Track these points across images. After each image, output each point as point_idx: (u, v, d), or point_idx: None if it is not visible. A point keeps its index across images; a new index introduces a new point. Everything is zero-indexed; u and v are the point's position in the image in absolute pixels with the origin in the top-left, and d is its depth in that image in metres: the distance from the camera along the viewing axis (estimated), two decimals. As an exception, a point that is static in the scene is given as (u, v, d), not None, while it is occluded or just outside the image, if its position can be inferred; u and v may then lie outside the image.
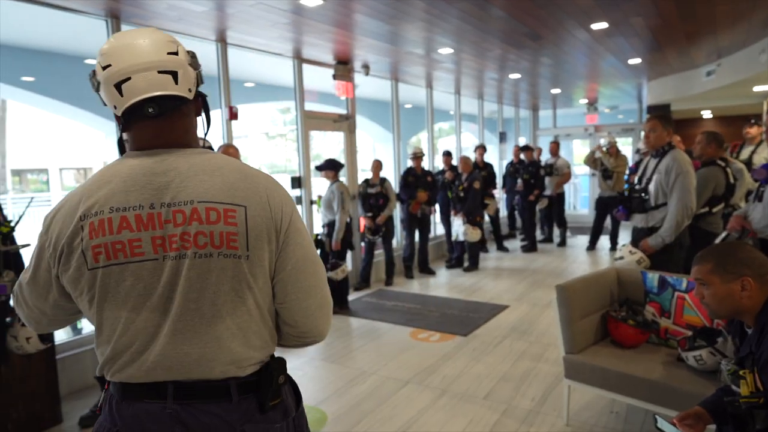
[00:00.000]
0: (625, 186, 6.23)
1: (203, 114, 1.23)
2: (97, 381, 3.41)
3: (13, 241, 2.91)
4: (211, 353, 1.08)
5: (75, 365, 3.63)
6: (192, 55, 1.16)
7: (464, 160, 7.14)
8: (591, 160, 7.82)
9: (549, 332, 4.52)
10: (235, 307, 1.09)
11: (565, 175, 8.73)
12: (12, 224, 2.85)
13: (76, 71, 6.03)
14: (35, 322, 1.24)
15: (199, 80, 1.19)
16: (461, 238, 7.02)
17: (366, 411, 3.23)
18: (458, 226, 7.06)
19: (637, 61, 6.71)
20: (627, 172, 7.18)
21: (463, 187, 7.03)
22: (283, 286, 1.15)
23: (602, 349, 2.85)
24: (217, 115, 4.88)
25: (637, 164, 5.48)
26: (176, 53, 1.11)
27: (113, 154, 3.14)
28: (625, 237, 8.78)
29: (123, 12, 3.80)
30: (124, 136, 1.16)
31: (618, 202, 3.71)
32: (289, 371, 1.24)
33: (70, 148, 15.47)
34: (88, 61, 5.46)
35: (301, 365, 3.97)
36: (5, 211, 2.95)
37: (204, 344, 1.08)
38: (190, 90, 1.13)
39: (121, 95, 1.07)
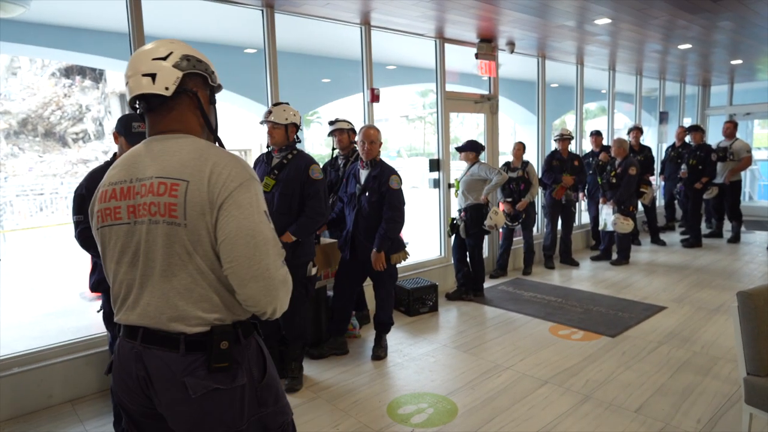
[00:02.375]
0: None
1: (210, 109, 1.43)
2: None
3: None
4: (162, 307, 1.29)
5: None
6: (186, 59, 1.35)
7: (618, 142, 6.43)
8: None
9: (719, 343, 3.90)
10: (180, 269, 1.27)
11: (744, 161, 7.44)
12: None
13: (237, 60, 6.58)
14: None
15: (188, 79, 1.35)
16: (610, 228, 6.39)
17: (499, 408, 3.06)
18: (607, 215, 6.43)
19: None
20: None
21: (616, 172, 6.36)
22: (221, 254, 1.26)
23: (799, 375, 2.34)
24: (359, 98, 4.97)
25: None
26: (164, 58, 1.33)
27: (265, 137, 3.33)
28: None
29: (277, 1, 3.99)
30: None
31: None
32: (420, 356, 1.18)
33: (232, 131, 17.26)
34: (248, 51, 5.90)
35: (433, 351, 3.92)
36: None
37: (158, 298, 1.29)
38: (167, 88, 1.31)
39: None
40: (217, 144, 1.43)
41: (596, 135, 7.13)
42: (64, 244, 9.91)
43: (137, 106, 1.37)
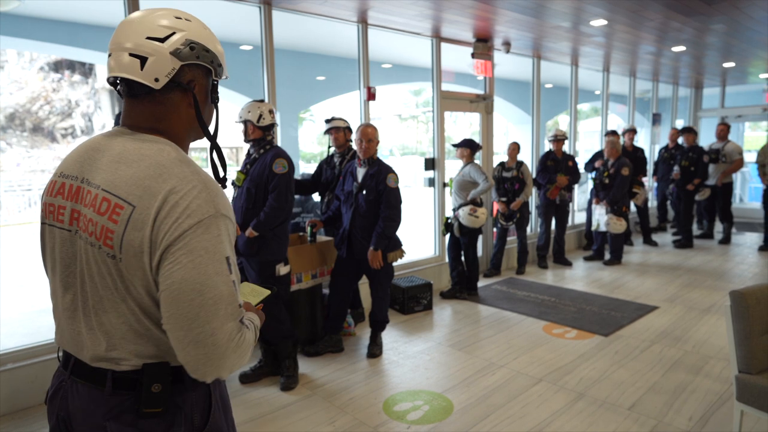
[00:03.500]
0: None
1: (209, 108, 1.19)
2: None
3: None
4: (91, 339, 1.08)
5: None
6: (191, 46, 1.10)
7: (611, 143, 6.49)
8: None
9: (710, 342, 3.95)
10: (112, 306, 1.06)
11: (736, 163, 7.52)
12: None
13: (232, 57, 6.55)
14: None
15: (184, 74, 1.11)
16: (603, 228, 6.45)
17: (494, 405, 3.08)
18: (600, 215, 6.48)
19: None
20: None
21: (609, 173, 6.42)
22: (161, 306, 1.01)
23: (790, 373, 2.38)
24: (356, 96, 4.98)
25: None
26: (161, 39, 1.07)
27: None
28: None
29: (274, -3, 3.99)
30: None
31: None
32: (416, 354, 1.14)
33: (224, 128, 17.17)
34: (244, 48, 5.88)
35: (428, 349, 3.93)
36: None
37: (88, 328, 1.08)
38: (157, 80, 1.07)
39: None
40: (215, 153, 1.20)
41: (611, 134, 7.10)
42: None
43: (117, 85, 1.12)
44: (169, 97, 1.11)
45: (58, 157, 16.50)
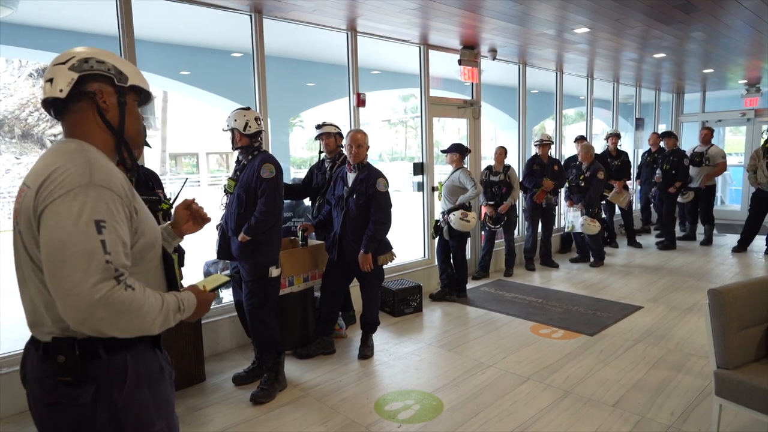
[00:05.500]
0: None
1: (115, 110, 1.37)
2: None
3: (170, 217, 3.27)
4: (27, 311, 1.30)
5: (215, 331, 4.02)
6: (84, 60, 1.32)
7: (585, 148, 6.65)
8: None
9: (692, 340, 4.07)
10: (30, 278, 1.26)
11: (720, 166, 7.69)
12: (171, 202, 3.19)
13: (224, 64, 6.61)
14: None
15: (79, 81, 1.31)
16: (578, 229, 6.61)
17: (483, 404, 3.16)
18: (575, 217, 6.65)
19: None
20: None
21: (585, 176, 6.57)
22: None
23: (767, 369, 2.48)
24: (344, 102, 5.05)
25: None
26: (64, 63, 1.31)
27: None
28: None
29: (265, 6, 4.05)
30: None
31: None
32: (406, 355, 1.20)
33: (215, 134, 17.16)
34: (235, 55, 5.93)
35: (419, 350, 4.00)
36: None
37: (24, 301, 1.30)
38: (61, 90, 1.29)
39: None
40: (126, 150, 1.40)
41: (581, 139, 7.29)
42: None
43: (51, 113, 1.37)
44: (79, 106, 1.33)
45: (47, 163, 16.37)
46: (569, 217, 6.79)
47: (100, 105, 1.33)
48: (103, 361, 1.24)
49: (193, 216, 1.67)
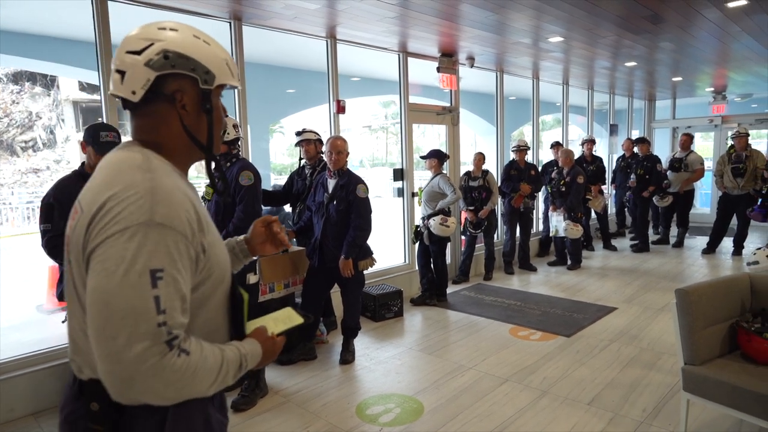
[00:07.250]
0: None
1: (201, 117, 1.14)
2: None
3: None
4: (69, 338, 1.12)
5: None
6: (165, 55, 1.07)
7: (565, 153, 6.82)
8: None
9: (663, 340, 4.19)
10: (75, 309, 1.06)
11: (698, 172, 7.85)
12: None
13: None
14: None
15: (156, 83, 1.07)
16: (561, 233, 6.75)
17: (463, 405, 3.22)
18: (558, 221, 6.78)
19: (779, 42, 5.94)
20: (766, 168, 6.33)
21: (565, 181, 6.72)
22: None
23: (731, 364, 2.59)
24: (324, 108, 5.10)
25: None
26: (138, 52, 1.06)
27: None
28: (755, 240, 7.88)
29: (245, 14, 4.08)
30: None
31: (748, 202, 3.33)
32: (387, 359, 1.14)
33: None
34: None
35: (399, 354, 4.05)
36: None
37: (68, 329, 1.12)
38: (134, 92, 1.06)
39: None
40: (212, 165, 1.19)
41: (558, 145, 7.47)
42: (17, 256, 9.54)
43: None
44: (154, 109, 1.10)
45: (19, 170, 15.99)
46: (552, 221, 6.92)
47: (179, 111, 1.11)
48: (137, 413, 1.04)
49: (271, 237, 1.47)
